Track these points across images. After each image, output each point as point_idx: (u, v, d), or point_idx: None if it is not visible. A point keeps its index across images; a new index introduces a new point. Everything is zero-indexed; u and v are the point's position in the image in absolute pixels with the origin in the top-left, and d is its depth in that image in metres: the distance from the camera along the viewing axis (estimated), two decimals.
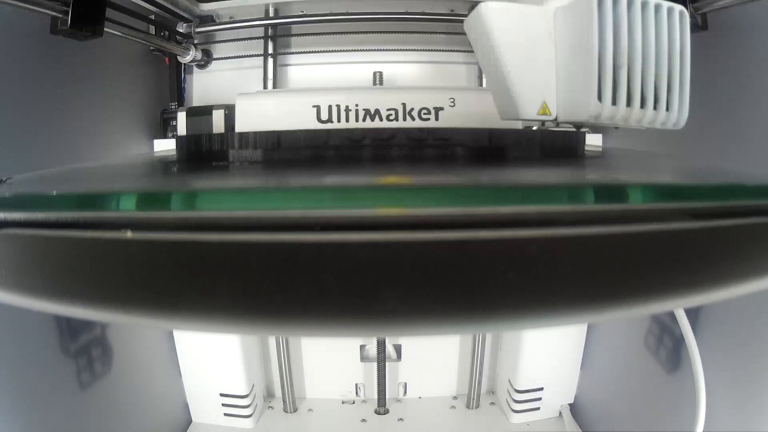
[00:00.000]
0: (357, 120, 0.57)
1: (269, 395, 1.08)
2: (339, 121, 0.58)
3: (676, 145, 0.71)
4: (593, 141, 0.85)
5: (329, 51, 0.95)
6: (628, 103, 0.30)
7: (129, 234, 0.18)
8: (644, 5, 0.29)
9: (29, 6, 0.54)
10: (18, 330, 0.58)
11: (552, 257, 0.18)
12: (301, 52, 0.98)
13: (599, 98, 0.29)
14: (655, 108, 0.30)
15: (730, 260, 0.22)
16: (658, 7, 0.29)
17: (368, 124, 0.57)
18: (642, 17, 0.29)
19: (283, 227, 0.17)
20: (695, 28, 0.60)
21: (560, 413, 0.99)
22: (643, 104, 0.30)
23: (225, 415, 0.97)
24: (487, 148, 0.35)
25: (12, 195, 0.23)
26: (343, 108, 0.58)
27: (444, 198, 0.19)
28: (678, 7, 0.30)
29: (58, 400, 0.65)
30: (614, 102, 0.30)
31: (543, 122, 0.35)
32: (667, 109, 0.31)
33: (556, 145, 0.39)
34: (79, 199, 0.22)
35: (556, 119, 0.32)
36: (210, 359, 0.94)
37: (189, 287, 0.19)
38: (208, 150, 0.37)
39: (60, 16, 0.57)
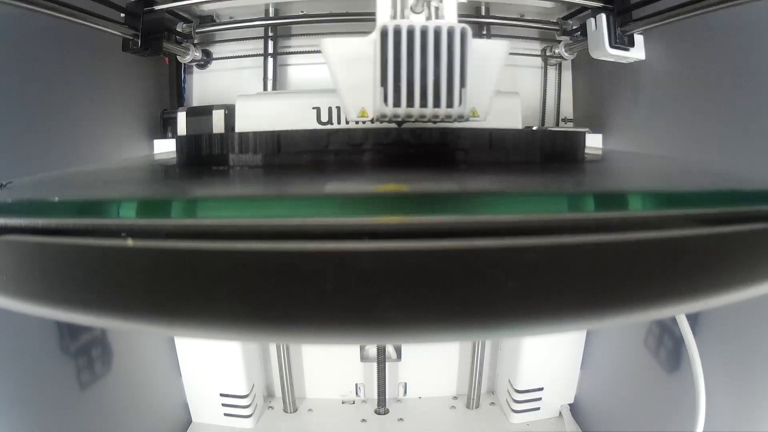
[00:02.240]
0: (357, 122, 0.57)
1: (269, 395, 1.08)
2: (339, 122, 0.58)
3: (676, 146, 0.71)
4: (593, 142, 0.85)
5: None
6: (410, 104, 0.39)
7: (130, 242, 0.18)
8: (424, 32, 0.38)
9: (109, 30, 0.69)
10: (18, 330, 0.58)
11: (551, 265, 0.18)
12: (301, 52, 0.98)
13: (385, 102, 0.39)
14: (437, 105, 0.39)
15: (729, 266, 0.22)
16: (438, 30, 0.38)
17: (368, 125, 0.57)
18: (422, 40, 0.38)
19: (283, 235, 0.17)
20: (623, 46, 0.76)
21: (560, 413, 1.00)
22: (424, 104, 0.39)
23: (225, 415, 0.97)
24: (487, 148, 0.37)
25: (13, 201, 0.22)
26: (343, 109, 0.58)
27: (444, 206, 0.19)
28: (459, 27, 0.38)
29: (58, 400, 0.65)
30: (397, 104, 0.39)
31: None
32: (450, 106, 0.39)
33: (557, 146, 0.40)
34: (79, 205, 0.22)
35: (372, 120, 0.41)
36: (210, 359, 0.94)
37: (189, 294, 0.19)
38: (208, 153, 0.37)
39: (131, 38, 0.75)
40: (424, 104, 0.39)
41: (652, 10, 0.68)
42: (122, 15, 0.72)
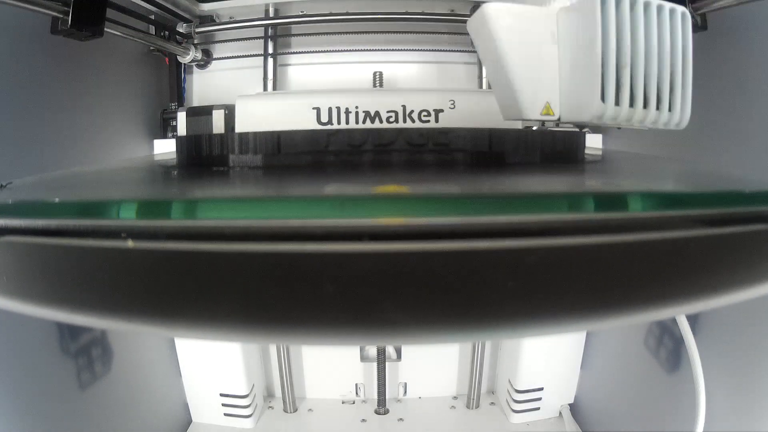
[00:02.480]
0: (357, 122, 0.57)
1: (269, 395, 1.08)
2: (339, 123, 0.58)
3: (676, 146, 0.71)
4: (593, 142, 0.85)
5: (329, 51, 0.95)
6: (631, 104, 0.30)
7: (130, 243, 0.18)
8: (647, 6, 0.29)
9: (29, 6, 0.54)
10: (18, 330, 0.58)
11: (551, 266, 0.18)
12: (301, 52, 0.98)
13: (602, 99, 0.30)
14: (657, 108, 0.31)
15: (729, 267, 0.22)
16: (660, 8, 0.30)
17: (368, 125, 0.57)
18: (645, 18, 0.29)
19: (284, 237, 0.17)
20: (695, 28, 0.60)
21: (560, 413, 1.00)
22: (645, 105, 0.30)
23: (225, 415, 0.97)
24: (487, 148, 0.36)
25: (14, 202, 0.23)
26: (343, 110, 0.58)
27: (443, 208, 0.19)
28: (680, 9, 0.30)
29: (58, 400, 0.65)
30: (617, 103, 0.30)
31: (543, 122, 0.35)
32: (670, 110, 0.31)
33: (556, 147, 0.39)
34: (80, 207, 0.22)
35: (559, 119, 0.32)
36: (210, 359, 0.94)
37: (190, 295, 0.19)
38: (208, 153, 0.37)
39: (60, 16, 0.57)
40: (645, 105, 0.31)
41: None
42: None
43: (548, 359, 0.96)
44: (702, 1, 0.58)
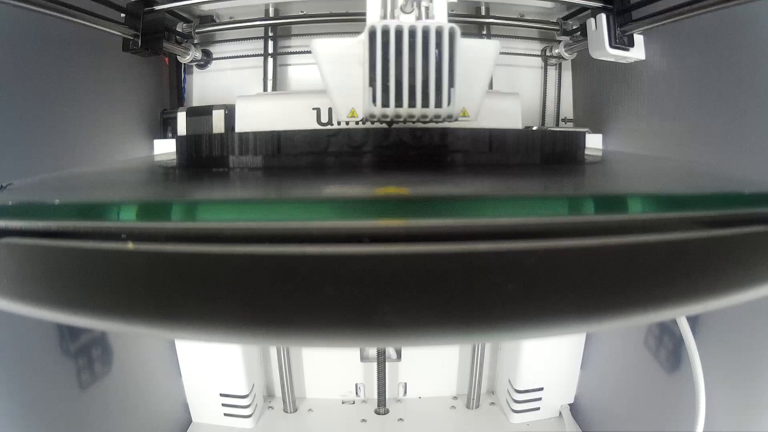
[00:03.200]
0: (357, 122, 0.57)
1: (269, 395, 1.08)
2: (339, 123, 0.58)
3: (676, 146, 0.71)
4: (593, 142, 0.85)
5: None
6: (398, 104, 0.39)
7: (130, 245, 0.18)
8: (413, 32, 0.38)
9: (103, 28, 0.68)
10: (18, 330, 0.58)
11: (551, 268, 0.18)
12: (301, 52, 0.98)
13: (374, 101, 0.39)
14: (425, 106, 0.39)
15: (728, 269, 0.22)
16: (426, 30, 0.38)
17: (368, 126, 0.57)
18: (411, 40, 0.38)
19: (284, 239, 0.17)
20: (623, 46, 0.75)
21: (560, 413, 1.00)
22: (412, 104, 0.39)
23: (225, 415, 0.97)
24: (487, 148, 0.38)
25: (14, 204, 0.23)
26: None
27: (444, 210, 0.19)
28: (447, 26, 0.38)
29: (58, 401, 0.65)
30: (386, 104, 0.39)
31: (369, 122, 0.44)
32: (438, 106, 0.39)
33: (557, 147, 0.40)
34: (80, 208, 0.22)
35: (362, 119, 0.42)
36: (210, 359, 0.94)
37: (189, 297, 0.19)
38: (208, 154, 0.37)
39: (131, 38, 0.75)
40: (412, 104, 0.39)
41: (652, 10, 0.68)
42: (122, 15, 0.72)
43: (548, 359, 0.96)
44: (627, 26, 0.74)
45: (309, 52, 0.44)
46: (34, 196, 0.29)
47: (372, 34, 0.39)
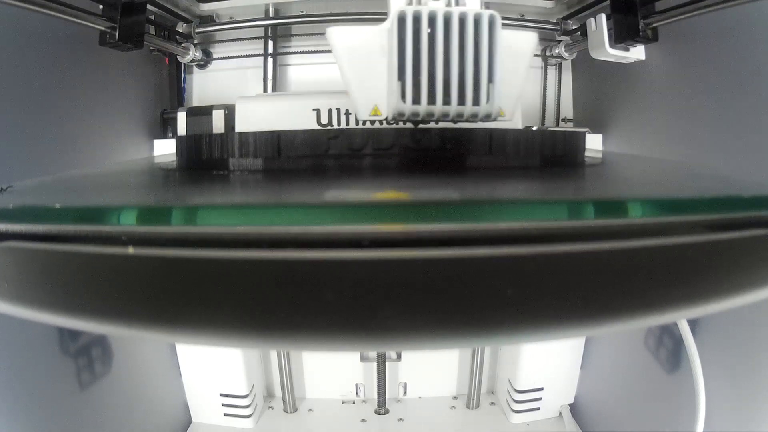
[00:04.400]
0: (357, 123, 0.57)
1: (269, 395, 1.08)
2: (339, 124, 0.58)
3: (676, 147, 0.71)
4: (593, 142, 0.85)
5: (329, 51, 0.95)
6: (431, 101, 0.35)
7: (130, 249, 0.18)
8: (448, 19, 0.34)
9: (81, 21, 0.62)
10: (18, 331, 0.58)
11: (552, 273, 0.18)
12: (301, 52, 0.98)
13: (403, 98, 0.35)
14: (462, 103, 0.35)
15: (730, 272, 0.22)
16: (463, 17, 0.34)
17: (368, 126, 0.57)
18: (444, 28, 0.34)
19: (284, 243, 0.17)
20: (646, 40, 0.70)
21: (560, 413, 1.00)
22: (447, 101, 0.35)
23: (225, 415, 0.97)
24: (488, 149, 0.37)
25: (15, 207, 0.23)
26: (343, 111, 0.58)
27: (444, 215, 0.19)
28: (486, 13, 0.34)
29: (58, 400, 0.65)
30: (417, 101, 0.35)
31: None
32: (476, 103, 0.35)
33: (557, 147, 0.39)
34: (80, 212, 0.22)
35: (386, 119, 0.38)
36: (210, 359, 0.94)
37: (190, 302, 0.19)
38: (208, 155, 0.37)
39: (108, 30, 0.67)
40: (447, 101, 0.34)
41: (676, 2, 0.63)
42: (100, 6, 0.66)
43: (548, 359, 0.96)
44: (652, 18, 0.67)
45: (309, 52, 0.42)
46: (34, 198, 0.29)
47: (401, 21, 0.34)
